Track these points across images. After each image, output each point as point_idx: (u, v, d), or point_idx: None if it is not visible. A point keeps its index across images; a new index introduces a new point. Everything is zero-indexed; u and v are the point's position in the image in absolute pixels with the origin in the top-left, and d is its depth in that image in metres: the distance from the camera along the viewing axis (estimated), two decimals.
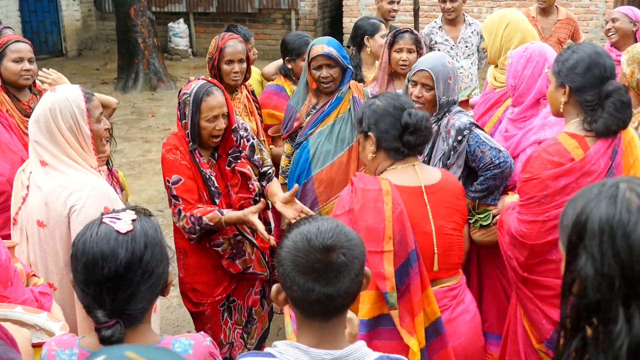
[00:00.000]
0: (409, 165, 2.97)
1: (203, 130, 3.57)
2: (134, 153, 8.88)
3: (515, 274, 3.14)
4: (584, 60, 2.90)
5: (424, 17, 11.72)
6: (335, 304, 1.74)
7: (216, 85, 3.63)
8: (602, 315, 1.47)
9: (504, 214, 3.25)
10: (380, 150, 2.98)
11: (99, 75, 13.18)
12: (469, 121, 3.63)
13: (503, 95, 4.09)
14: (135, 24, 11.75)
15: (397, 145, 2.94)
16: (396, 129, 2.93)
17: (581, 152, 2.89)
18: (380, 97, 3.06)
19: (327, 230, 1.77)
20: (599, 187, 1.56)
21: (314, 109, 4.17)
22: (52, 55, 14.55)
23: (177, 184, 3.57)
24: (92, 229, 1.92)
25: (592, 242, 1.49)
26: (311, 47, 4.13)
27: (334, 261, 1.73)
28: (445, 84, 3.61)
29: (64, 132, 2.92)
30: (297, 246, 1.76)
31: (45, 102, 2.97)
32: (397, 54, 4.71)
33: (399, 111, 2.94)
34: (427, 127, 2.95)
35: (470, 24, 6.00)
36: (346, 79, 4.14)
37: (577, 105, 2.94)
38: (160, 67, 12.20)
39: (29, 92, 4.33)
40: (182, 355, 1.96)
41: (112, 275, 1.84)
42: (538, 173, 2.92)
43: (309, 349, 1.75)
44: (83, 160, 2.98)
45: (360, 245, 1.80)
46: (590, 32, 12.87)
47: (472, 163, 3.63)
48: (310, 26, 14.44)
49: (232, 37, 4.45)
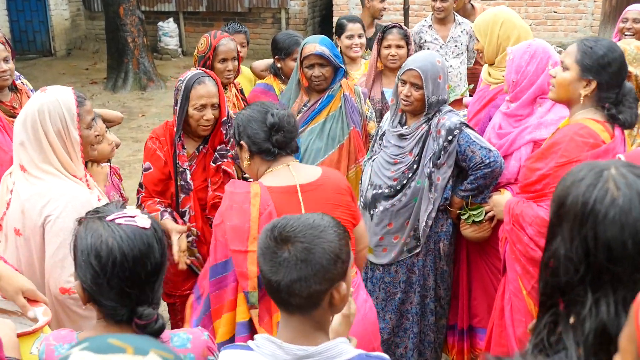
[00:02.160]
0: (283, 166, 2.94)
1: (190, 119, 3.58)
2: (124, 153, 8.84)
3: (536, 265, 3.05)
4: (617, 61, 2.95)
5: (414, 16, 11.74)
6: (281, 296, 1.80)
7: (211, 77, 3.66)
8: (569, 297, 1.51)
9: (516, 208, 3.21)
10: (253, 156, 2.96)
11: (88, 75, 13.11)
12: (459, 121, 3.64)
13: (499, 92, 4.11)
14: (124, 23, 11.69)
15: (267, 146, 2.92)
16: (263, 131, 2.92)
17: (608, 136, 2.96)
18: (247, 108, 3.10)
19: (293, 225, 1.83)
20: (588, 169, 1.58)
21: (305, 107, 4.19)
22: (40, 55, 14.47)
23: (147, 172, 3.67)
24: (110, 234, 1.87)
25: (566, 225, 1.53)
26: (303, 45, 4.14)
27: (278, 253, 1.79)
28: (435, 83, 3.62)
29: (50, 136, 2.79)
30: (266, 228, 1.87)
31: (34, 102, 2.83)
32: (386, 49, 4.78)
33: (264, 114, 2.95)
34: (291, 123, 2.96)
35: (460, 23, 6.02)
36: (338, 77, 4.15)
37: (594, 99, 2.99)
38: (150, 66, 12.14)
39: (9, 92, 4.25)
40: (179, 349, 1.98)
41: (153, 270, 1.89)
42: (577, 155, 2.92)
43: (283, 343, 1.80)
44: (67, 167, 2.86)
45: (320, 256, 1.78)
46: (580, 32, 12.92)
47: (462, 163, 3.65)
48: (301, 25, 14.43)
49: (224, 36, 4.46)
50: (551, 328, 1.56)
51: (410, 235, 3.77)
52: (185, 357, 1.97)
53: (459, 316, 4.00)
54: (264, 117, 2.93)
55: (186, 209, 3.69)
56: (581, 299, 1.48)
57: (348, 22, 5.29)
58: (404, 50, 4.75)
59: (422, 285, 3.84)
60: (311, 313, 1.82)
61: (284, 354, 1.79)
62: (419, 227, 3.74)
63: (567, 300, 1.52)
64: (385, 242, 3.82)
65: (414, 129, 3.73)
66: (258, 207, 2.81)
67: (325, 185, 2.93)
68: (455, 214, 3.78)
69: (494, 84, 4.18)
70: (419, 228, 3.74)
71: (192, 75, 3.63)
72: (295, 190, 2.87)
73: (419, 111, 3.71)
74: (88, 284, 1.87)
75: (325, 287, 1.79)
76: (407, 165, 3.72)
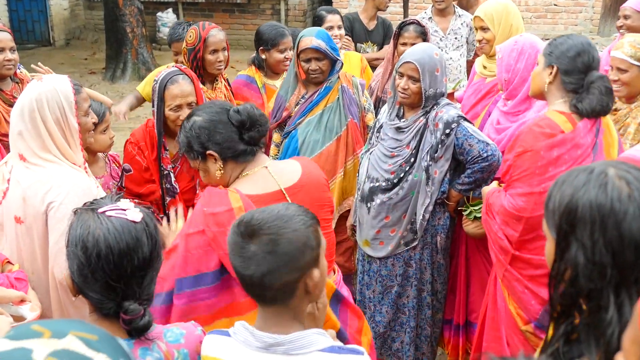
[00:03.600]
0: (260, 169, 2.65)
1: (167, 119, 3.48)
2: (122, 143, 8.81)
3: (505, 254, 3.18)
4: (576, 46, 3.04)
5: (414, 8, 11.70)
6: (253, 290, 1.83)
7: (185, 74, 3.52)
8: (593, 303, 1.48)
9: (490, 198, 3.30)
10: (227, 162, 2.64)
11: (87, 65, 13.07)
12: (457, 114, 3.63)
13: (495, 85, 4.10)
14: (123, 14, 11.64)
15: (242, 147, 2.62)
16: (233, 132, 2.61)
17: (570, 127, 3.01)
18: (196, 114, 2.70)
19: (259, 217, 1.83)
20: (587, 174, 1.56)
21: (303, 99, 4.18)
22: (39, 45, 14.42)
23: (128, 173, 3.60)
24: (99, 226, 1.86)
25: (584, 232, 1.50)
26: (300, 38, 4.13)
27: (246, 248, 1.79)
28: (432, 76, 3.61)
29: (49, 124, 2.77)
30: (234, 224, 1.87)
31: (31, 91, 2.80)
32: (402, 46, 4.70)
33: (225, 114, 2.64)
34: (262, 114, 2.66)
35: (460, 15, 5.99)
36: (335, 69, 4.14)
37: (560, 87, 3.07)
38: (149, 56, 12.10)
39: (10, 82, 4.28)
40: (173, 344, 1.97)
41: (141, 265, 1.87)
42: (532, 145, 3.01)
43: (255, 331, 1.83)
44: (67, 155, 2.84)
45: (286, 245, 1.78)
46: (580, 25, 12.89)
47: (459, 156, 3.64)
48: (300, 17, 14.39)
49: (213, 27, 4.41)
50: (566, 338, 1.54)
51: (407, 228, 3.76)
52: (179, 353, 1.96)
53: (456, 311, 4.00)
54: (226, 117, 2.63)
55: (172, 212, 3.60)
56: (604, 304, 1.47)
57: (327, 14, 5.28)
58: None
59: (419, 279, 3.83)
60: (287, 303, 1.84)
61: (254, 340, 1.82)
62: (416, 220, 3.73)
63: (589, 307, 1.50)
64: (382, 235, 3.81)
65: (412, 122, 3.71)
66: None
67: (308, 184, 2.70)
68: (452, 207, 3.77)
69: (490, 76, 4.17)
70: (416, 221, 3.73)
71: (165, 75, 3.49)
72: (282, 196, 2.61)
73: (416, 104, 3.70)
74: (75, 275, 1.87)
75: (296, 277, 1.80)
76: (405, 158, 3.71)
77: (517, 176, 3.09)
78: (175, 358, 1.95)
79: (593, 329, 1.48)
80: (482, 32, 4.29)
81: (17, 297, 2.34)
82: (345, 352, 1.85)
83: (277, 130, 4.32)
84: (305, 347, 1.81)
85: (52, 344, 1.04)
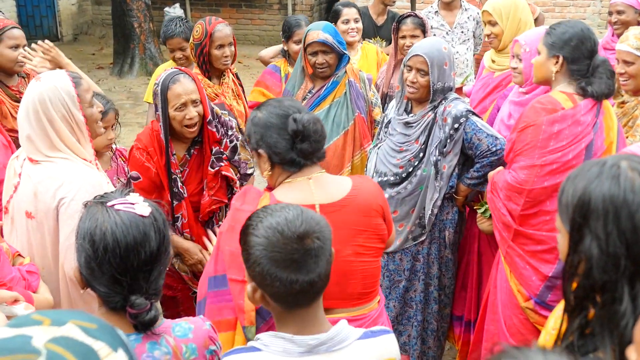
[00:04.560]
0: (303, 180, 2.51)
1: (173, 121, 3.39)
2: (129, 138, 8.81)
3: (508, 230, 3.27)
4: (578, 35, 3.14)
5: (421, 2, 11.66)
6: (316, 289, 1.77)
7: (186, 73, 3.47)
8: (607, 295, 1.48)
9: (495, 177, 3.38)
10: (275, 166, 2.53)
11: (94, 60, 13.09)
12: (465, 108, 3.62)
13: (503, 79, 4.09)
14: (131, 9, 11.66)
15: (291, 156, 2.49)
16: (285, 139, 2.48)
17: (571, 104, 3.12)
18: (262, 108, 2.60)
19: (295, 218, 1.76)
20: (599, 167, 1.56)
21: (310, 94, 4.17)
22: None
23: (136, 181, 3.49)
24: (107, 219, 1.87)
25: (597, 223, 1.50)
26: (307, 32, 4.13)
27: (312, 247, 1.72)
28: (440, 69, 3.60)
29: (56, 123, 2.76)
30: (271, 241, 1.73)
31: (32, 93, 2.78)
32: (401, 40, 4.75)
33: (284, 119, 2.50)
34: (318, 130, 2.50)
35: (466, 9, 5.96)
36: (342, 63, 4.14)
37: (567, 74, 3.18)
38: (156, 51, 12.11)
39: (17, 77, 4.29)
40: (181, 339, 1.97)
41: (148, 259, 1.87)
42: (534, 120, 3.13)
43: (294, 337, 1.76)
44: (77, 152, 2.84)
45: (326, 225, 1.81)
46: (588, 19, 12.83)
47: (468, 150, 3.64)
48: (307, 11, 14.36)
49: (219, 21, 4.42)
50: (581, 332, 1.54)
51: (415, 223, 3.75)
52: (187, 347, 1.96)
53: (467, 308, 4.00)
54: (284, 122, 2.49)
55: (179, 216, 3.58)
56: (618, 295, 1.47)
57: (343, 7, 5.29)
58: (419, 39, 4.70)
59: (426, 274, 3.83)
60: (321, 296, 1.82)
61: (296, 347, 1.75)
62: (425, 215, 3.73)
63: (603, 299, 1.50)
64: None
65: (420, 116, 3.71)
66: None
67: (350, 206, 2.53)
68: (461, 202, 3.77)
69: (499, 71, 4.15)
70: (424, 216, 3.73)
71: (165, 77, 3.43)
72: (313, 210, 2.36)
73: (424, 98, 3.69)
74: (83, 267, 1.88)
75: (331, 264, 1.81)
76: (413, 153, 3.70)
77: (520, 150, 3.19)
78: (184, 352, 1.95)
79: (607, 322, 1.48)
80: (490, 26, 4.27)
81: (10, 297, 2.34)
82: (378, 334, 1.90)
83: None
84: (345, 340, 1.80)
85: (52, 331, 1.05)
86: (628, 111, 3.97)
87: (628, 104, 3.99)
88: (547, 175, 3.12)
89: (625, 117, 3.92)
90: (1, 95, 4.11)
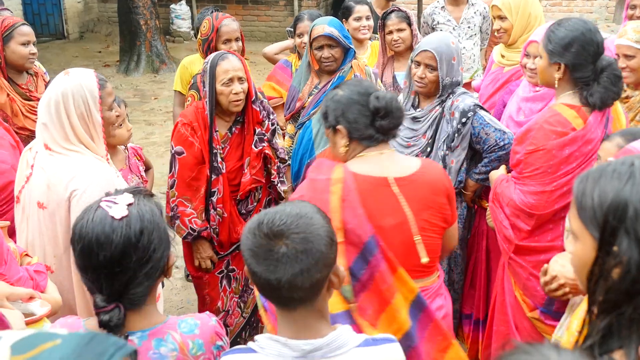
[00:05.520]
0: (376, 154, 2.68)
1: (220, 96, 3.63)
2: (136, 136, 8.84)
3: (509, 244, 3.20)
4: (578, 39, 2.97)
5: None
6: (281, 294, 1.71)
7: (233, 54, 3.75)
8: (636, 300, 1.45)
9: (498, 187, 3.28)
10: (352, 141, 2.70)
11: (101, 57, 13.11)
12: (473, 103, 3.61)
13: (513, 74, 4.07)
14: (137, 6, 11.66)
15: (370, 132, 2.67)
16: (365, 116, 2.66)
17: (581, 122, 2.99)
18: (342, 87, 2.78)
19: (281, 217, 1.73)
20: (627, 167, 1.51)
21: (316, 89, 4.16)
22: (53, 38, 14.46)
23: (180, 156, 3.70)
24: (89, 213, 1.90)
25: (636, 225, 1.46)
26: (312, 27, 4.12)
27: (274, 249, 1.70)
28: (449, 64, 3.58)
29: (72, 119, 2.85)
30: (250, 227, 1.76)
31: (58, 85, 2.88)
32: (388, 35, 4.84)
33: (365, 97, 2.67)
34: (399, 108, 2.69)
35: (473, 4, 5.93)
36: (348, 58, 4.13)
37: (571, 81, 3.03)
38: (163, 49, 12.13)
39: (26, 75, 4.32)
40: (187, 335, 1.97)
41: (107, 262, 1.83)
42: (543, 144, 3.00)
43: (288, 340, 1.75)
44: (89, 147, 2.92)
45: (314, 241, 1.72)
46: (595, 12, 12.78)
47: (476, 145, 3.62)
48: (313, 8, 14.30)
49: (226, 16, 4.45)
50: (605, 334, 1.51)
51: None
52: (194, 343, 1.96)
53: (476, 306, 3.99)
54: (365, 99, 2.66)
55: (215, 190, 3.76)
56: None
57: (355, 4, 5.27)
58: (406, 32, 4.79)
59: None
60: (313, 303, 1.77)
61: (290, 351, 1.74)
62: None
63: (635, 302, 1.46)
64: None
65: (428, 111, 3.69)
66: (340, 195, 2.56)
67: (418, 182, 2.66)
68: (470, 197, 3.75)
69: (508, 66, 4.13)
70: None
71: (214, 56, 3.70)
72: (387, 183, 2.62)
73: (432, 93, 3.68)
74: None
75: (325, 274, 1.75)
76: (421, 148, 3.68)
77: (529, 173, 3.08)
78: (190, 348, 1.95)
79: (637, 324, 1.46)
80: (499, 21, 4.25)
81: (26, 294, 2.35)
82: (380, 342, 1.85)
83: (291, 121, 4.31)
84: (342, 346, 1.77)
85: None
86: (633, 105, 3.94)
87: (633, 98, 3.96)
88: (558, 198, 3.04)
89: (631, 112, 3.89)
90: (12, 93, 4.14)
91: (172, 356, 1.92)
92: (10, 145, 3.55)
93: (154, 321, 1.97)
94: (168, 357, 1.92)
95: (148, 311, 1.96)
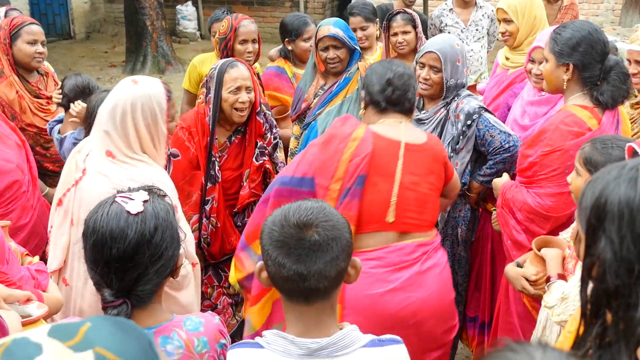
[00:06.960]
0: (395, 122, 3.04)
1: (224, 103, 3.58)
2: None
3: (519, 249, 3.18)
4: (586, 38, 2.99)
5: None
6: (309, 285, 1.72)
7: (243, 63, 3.72)
8: (621, 301, 1.44)
9: (508, 192, 3.27)
10: (367, 105, 3.12)
11: (107, 58, 13.14)
12: (478, 105, 3.61)
13: (517, 76, 4.06)
14: (143, 7, 11.68)
15: (377, 99, 3.05)
16: (379, 84, 3.05)
17: (595, 122, 2.99)
18: (379, 63, 3.27)
19: (307, 208, 1.77)
20: (619, 170, 1.52)
21: (322, 90, 4.17)
22: (60, 38, 14.49)
23: (175, 158, 3.63)
24: (104, 207, 1.90)
25: (612, 226, 1.45)
26: (318, 28, 4.14)
27: (306, 238, 1.72)
28: (454, 66, 3.58)
29: (140, 129, 2.81)
30: (275, 220, 1.78)
31: (126, 93, 2.82)
32: (393, 37, 4.78)
33: (386, 69, 3.08)
34: (406, 82, 3.05)
35: (481, 6, 5.94)
36: (354, 59, 4.13)
37: (580, 81, 3.05)
38: (169, 49, 12.14)
39: (36, 74, 4.35)
40: (193, 332, 1.98)
41: (120, 256, 1.84)
42: (560, 145, 3.00)
43: (295, 338, 1.76)
44: (152, 157, 2.90)
45: (341, 229, 1.77)
46: (601, 15, 12.76)
47: (481, 147, 3.62)
48: (319, 9, 14.35)
49: (245, 18, 4.47)
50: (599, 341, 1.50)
51: None
52: (199, 340, 1.98)
53: (481, 309, 3.97)
54: (385, 71, 3.07)
55: (210, 199, 3.68)
56: (633, 301, 1.42)
57: (350, 16, 5.20)
58: (411, 34, 4.72)
59: None
60: (330, 296, 1.79)
61: (297, 349, 1.75)
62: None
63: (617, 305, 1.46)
64: None
65: (432, 113, 3.69)
66: (352, 151, 2.92)
67: (427, 150, 3.05)
68: (474, 199, 3.75)
69: (513, 68, 4.13)
70: None
71: (223, 62, 3.67)
72: (398, 146, 2.97)
73: (437, 95, 3.68)
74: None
75: (347, 263, 1.79)
76: None
77: (545, 175, 3.07)
78: (196, 346, 1.96)
79: (622, 330, 1.44)
80: (505, 24, 4.24)
81: (23, 296, 2.35)
82: (386, 343, 1.85)
83: (297, 122, 4.32)
84: (349, 346, 1.78)
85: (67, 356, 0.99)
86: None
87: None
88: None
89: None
90: (21, 90, 4.17)
91: (178, 353, 1.93)
92: (16, 144, 3.56)
93: (160, 319, 1.98)
94: (174, 354, 1.93)
95: (154, 309, 1.98)
